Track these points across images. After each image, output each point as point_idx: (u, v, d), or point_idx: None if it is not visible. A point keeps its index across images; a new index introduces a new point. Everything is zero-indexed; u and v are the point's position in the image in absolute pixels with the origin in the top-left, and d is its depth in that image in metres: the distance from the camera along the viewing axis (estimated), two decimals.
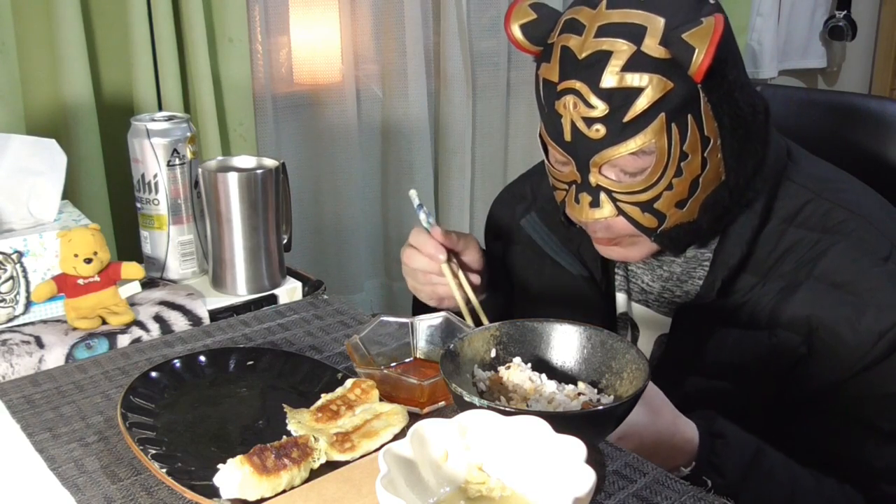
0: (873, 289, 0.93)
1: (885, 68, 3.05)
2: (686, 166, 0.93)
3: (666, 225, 0.97)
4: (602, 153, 0.93)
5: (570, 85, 0.92)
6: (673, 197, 0.95)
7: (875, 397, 0.94)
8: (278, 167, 1.20)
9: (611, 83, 0.90)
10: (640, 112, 0.90)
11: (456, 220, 2.19)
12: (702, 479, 0.89)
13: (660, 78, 0.89)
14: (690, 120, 0.92)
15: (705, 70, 0.87)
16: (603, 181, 0.95)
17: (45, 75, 1.53)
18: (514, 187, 1.29)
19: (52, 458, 0.79)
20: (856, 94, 1.36)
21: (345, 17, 1.94)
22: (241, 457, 0.72)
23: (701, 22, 0.87)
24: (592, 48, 0.91)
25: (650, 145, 0.92)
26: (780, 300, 0.96)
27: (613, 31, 0.90)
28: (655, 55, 0.89)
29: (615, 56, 0.89)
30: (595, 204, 0.97)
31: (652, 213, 0.96)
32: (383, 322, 0.96)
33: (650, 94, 0.89)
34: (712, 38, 0.86)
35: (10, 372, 0.99)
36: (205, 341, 1.04)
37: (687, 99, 0.91)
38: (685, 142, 0.92)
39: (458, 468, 0.70)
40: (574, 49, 0.92)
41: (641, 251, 1.02)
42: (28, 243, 1.09)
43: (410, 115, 2.03)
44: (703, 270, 1.04)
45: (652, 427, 0.85)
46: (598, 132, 0.92)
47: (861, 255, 0.95)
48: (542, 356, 0.86)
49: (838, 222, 0.97)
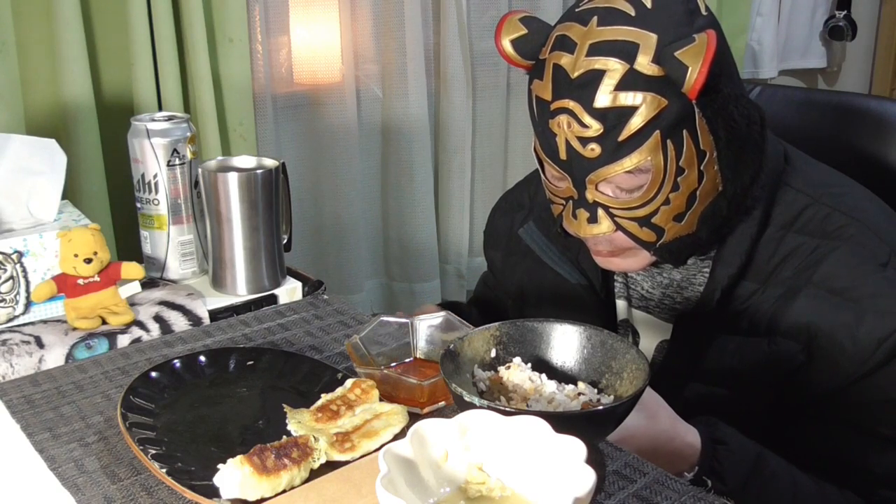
0: (872, 295, 0.93)
1: (885, 68, 3.05)
2: (683, 181, 0.93)
3: (665, 239, 0.96)
4: (598, 171, 0.93)
5: (563, 104, 0.92)
6: (671, 211, 0.95)
7: (875, 403, 0.94)
8: (278, 167, 1.20)
9: (604, 103, 0.89)
10: (635, 131, 0.90)
11: (456, 219, 2.19)
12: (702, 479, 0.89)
13: (654, 96, 0.89)
14: (685, 135, 0.91)
15: (699, 88, 0.87)
16: (600, 197, 0.95)
17: (45, 75, 1.53)
18: (511, 195, 1.28)
19: (52, 458, 0.79)
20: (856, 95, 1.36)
21: (345, 17, 1.94)
22: (241, 457, 0.72)
23: (693, 39, 0.86)
24: (585, 67, 0.90)
25: (646, 163, 0.91)
26: (779, 307, 0.96)
27: (606, 49, 0.90)
28: (648, 73, 0.88)
29: (608, 75, 0.89)
30: (593, 220, 0.96)
31: (650, 227, 0.95)
32: (383, 322, 0.96)
33: (644, 112, 0.89)
34: (706, 57, 0.85)
35: (10, 372, 0.99)
36: (205, 341, 1.04)
37: (681, 115, 0.90)
38: (681, 157, 0.92)
39: (458, 468, 0.70)
40: (566, 68, 0.91)
41: (639, 262, 1.02)
42: (28, 243, 1.09)
43: (410, 115, 2.03)
44: (703, 277, 1.04)
45: (648, 431, 0.85)
46: (594, 151, 0.91)
47: (860, 261, 0.95)
48: (542, 356, 0.86)
49: (837, 227, 0.97)
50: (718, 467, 0.89)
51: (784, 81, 2.84)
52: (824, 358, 0.93)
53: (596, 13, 0.92)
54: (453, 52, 2.05)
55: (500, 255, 1.26)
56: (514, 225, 1.22)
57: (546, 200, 1.05)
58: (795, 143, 1.10)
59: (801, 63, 2.92)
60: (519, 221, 1.21)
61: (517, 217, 1.22)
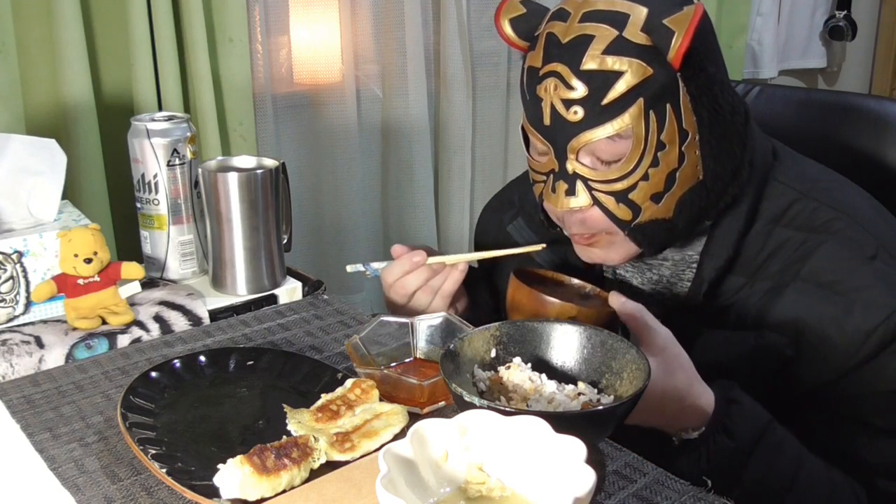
0: (860, 287, 0.93)
1: (885, 68, 3.05)
2: (663, 157, 0.94)
3: (641, 219, 0.97)
4: (579, 136, 0.94)
5: (551, 68, 0.94)
6: (649, 189, 0.95)
7: (866, 395, 0.94)
8: (278, 167, 1.20)
9: (591, 65, 0.91)
10: (619, 95, 0.91)
11: (456, 219, 2.19)
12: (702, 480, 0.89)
13: (640, 63, 0.91)
14: (669, 109, 0.93)
15: (683, 53, 0.89)
16: (580, 168, 0.96)
17: (45, 75, 1.53)
18: (502, 195, 1.30)
19: (52, 458, 0.79)
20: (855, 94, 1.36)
21: (345, 17, 1.94)
22: (241, 457, 0.72)
23: (682, 9, 0.90)
24: (576, 32, 0.93)
25: (627, 130, 0.92)
26: (767, 301, 0.97)
27: (597, 17, 0.92)
28: (637, 41, 0.91)
29: (597, 40, 0.91)
30: (571, 192, 0.97)
31: (627, 204, 0.96)
32: (383, 322, 0.96)
33: (629, 78, 0.91)
34: (691, 23, 0.88)
35: (10, 372, 0.99)
36: (205, 341, 1.04)
37: (666, 87, 0.92)
38: (663, 131, 0.93)
39: (458, 468, 0.70)
40: (558, 34, 0.94)
41: (620, 252, 1.02)
42: (28, 243, 1.09)
43: (410, 115, 2.03)
44: (692, 272, 1.04)
45: (661, 384, 0.85)
46: (577, 114, 0.93)
47: (848, 254, 0.95)
48: (542, 356, 0.86)
49: (825, 221, 0.98)
50: (730, 424, 0.89)
51: (784, 81, 2.84)
52: (813, 351, 0.94)
53: None
54: (453, 52, 2.05)
55: None
56: (503, 223, 1.23)
57: (535, 200, 1.06)
58: (795, 143, 1.10)
59: (801, 63, 2.92)
60: (508, 219, 1.22)
61: (506, 215, 1.23)
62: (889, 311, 0.92)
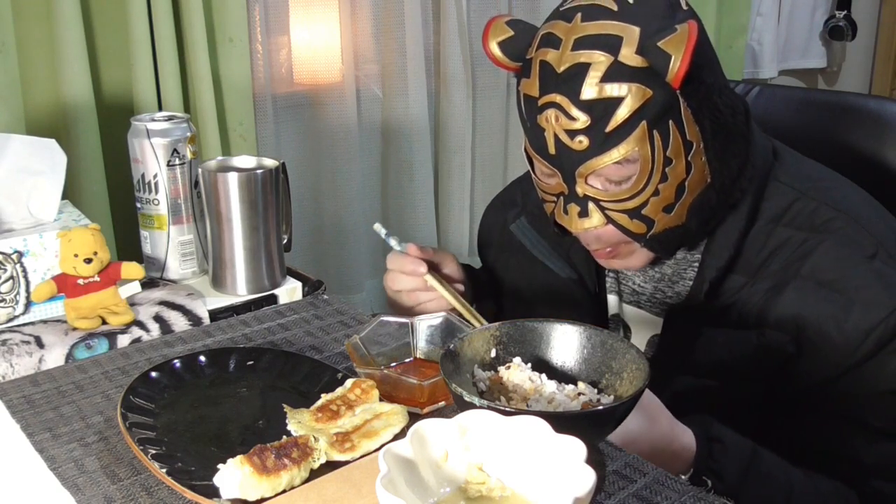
0: (859, 287, 0.94)
1: (885, 68, 3.05)
2: (671, 171, 0.94)
3: (655, 230, 0.97)
4: (587, 164, 0.94)
5: (550, 99, 0.93)
6: (660, 202, 0.95)
7: (864, 395, 0.95)
8: (278, 167, 1.20)
9: (591, 95, 0.90)
10: (622, 122, 0.91)
11: (456, 220, 2.19)
12: (702, 479, 0.90)
13: (638, 86, 0.90)
14: (672, 126, 0.92)
15: (682, 76, 0.88)
16: (590, 191, 0.96)
17: (45, 75, 1.53)
18: (504, 194, 1.30)
19: (52, 458, 0.79)
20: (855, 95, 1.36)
21: (345, 17, 1.94)
22: (241, 457, 0.72)
23: (675, 29, 0.88)
24: (570, 61, 0.91)
25: (633, 154, 0.92)
26: (768, 300, 0.97)
27: (590, 42, 0.91)
28: (633, 64, 0.90)
29: (593, 67, 0.90)
30: (584, 213, 0.97)
31: (640, 219, 0.96)
32: (383, 322, 0.96)
33: (630, 103, 0.90)
34: (687, 45, 0.86)
35: (10, 372, 0.99)
36: (205, 341, 1.04)
37: (667, 105, 0.91)
38: (668, 147, 0.93)
39: (458, 468, 0.70)
40: (552, 63, 0.93)
41: (640, 259, 1.03)
42: (28, 243, 1.09)
43: (410, 115, 2.03)
44: (694, 271, 1.05)
45: (648, 435, 0.85)
46: (582, 143, 0.92)
47: (848, 253, 0.96)
48: (542, 356, 0.86)
49: (825, 220, 0.98)
50: (715, 465, 0.89)
51: (784, 81, 2.84)
52: (813, 350, 0.94)
53: (580, 10, 0.93)
54: (453, 52, 2.05)
55: (492, 251, 1.27)
56: (506, 222, 1.23)
57: (538, 198, 1.06)
58: (795, 143, 1.11)
59: (801, 63, 2.92)
60: (511, 218, 1.22)
61: (509, 214, 1.23)
62: (888, 310, 0.92)
